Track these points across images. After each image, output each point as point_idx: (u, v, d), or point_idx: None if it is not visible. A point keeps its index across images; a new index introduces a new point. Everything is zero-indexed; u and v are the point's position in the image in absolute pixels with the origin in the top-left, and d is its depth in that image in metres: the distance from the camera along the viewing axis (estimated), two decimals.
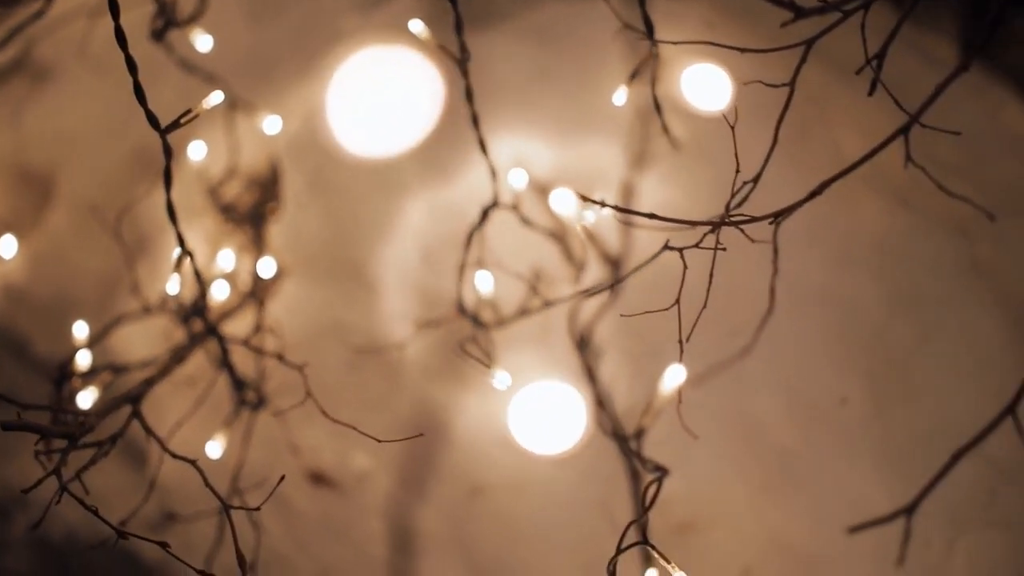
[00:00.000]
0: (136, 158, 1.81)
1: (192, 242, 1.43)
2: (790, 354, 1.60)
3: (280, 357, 1.51)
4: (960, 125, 1.69)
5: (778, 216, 1.25)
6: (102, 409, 1.45)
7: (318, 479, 1.65)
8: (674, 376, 1.12)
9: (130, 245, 1.63)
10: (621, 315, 1.32)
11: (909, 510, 1.13)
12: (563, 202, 1.39)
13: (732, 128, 1.16)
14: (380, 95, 1.82)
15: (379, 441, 1.55)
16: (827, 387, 1.58)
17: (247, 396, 1.56)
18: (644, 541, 1.30)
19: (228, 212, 1.72)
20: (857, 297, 1.61)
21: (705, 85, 1.48)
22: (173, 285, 1.46)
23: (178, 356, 1.54)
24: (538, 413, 1.55)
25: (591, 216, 1.40)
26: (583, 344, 1.12)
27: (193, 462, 1.33)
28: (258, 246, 1.69)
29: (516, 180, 1.62)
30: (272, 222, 1.73)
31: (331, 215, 1.77)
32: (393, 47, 1.81)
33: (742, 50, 1.33)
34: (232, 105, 1.70)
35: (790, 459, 1.55)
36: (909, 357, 1.58)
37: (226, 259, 1.66)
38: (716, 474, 1.57)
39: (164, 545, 1.26)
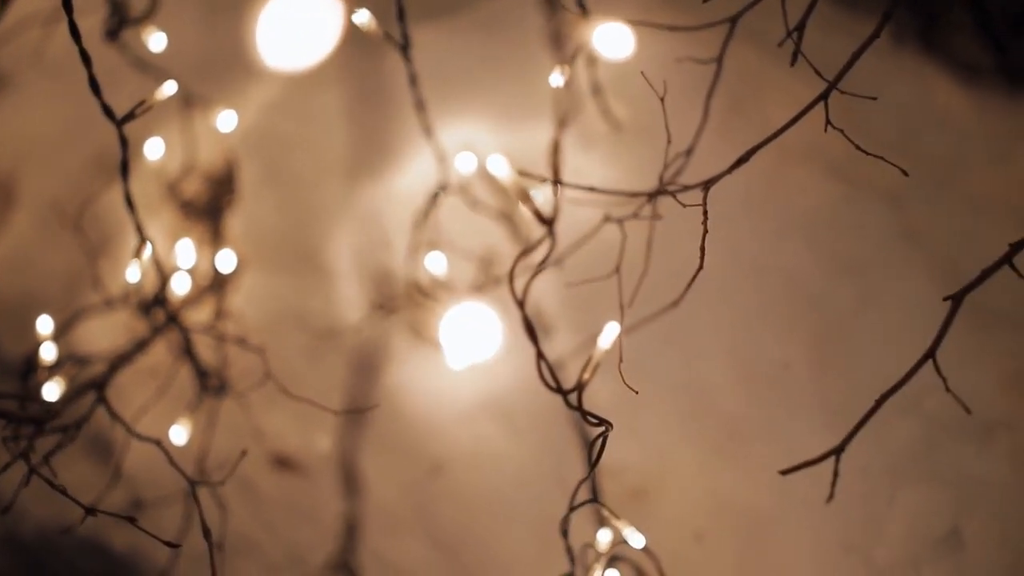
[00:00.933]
0: (95, 159, 1.87)
1: (152, 236, 1.49)
2: (733, 321, 1.67)
3: (240, 342, 1.58)
4: (893, 102, 1.80)
5: (708, 183, 1.33)
6: (67, 395, 1.52)
7: (282, 463, 1.71)
8: (611, 332, 1.19)
9: (91, 242, 1.69)
10: (567, 284, 1.39)
11: (838, 451, 1.20)
12: (500, 168, 1.46)
13: (662, 100, 1.24)
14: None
15: (336, 414, 1.64)
16: (770, 352, 1.66)
17: (209, 383, 1.62)
18: (594, 499, 1.38)
19: (186, 206, 1.78)
20: (795, 265, 1.69)
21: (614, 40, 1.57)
22: (133, 274, 1.52)
23: (140, 344, 1.60)
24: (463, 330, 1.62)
25: (537, 194, 1.47)
26: (523, 307, 1.18)
27: (158, 442, 1.39)
28: (216, 238, 1.75)
29: (463, 164, 1.70)
30: (229, 214, 1.80)
31: (286, 205, 1.84)
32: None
33: (671, 28, 1.42)
34: (187, 101, 1.76)
35: (736, 422, 1.63)
36: (847, 321, 1.66)
37: (185, 251, 1.72)
38: (665, 439, 1.64)
39: (132, 520, 1.31)
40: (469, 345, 1.61)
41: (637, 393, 1.16)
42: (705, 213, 1.29)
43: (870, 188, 1.72)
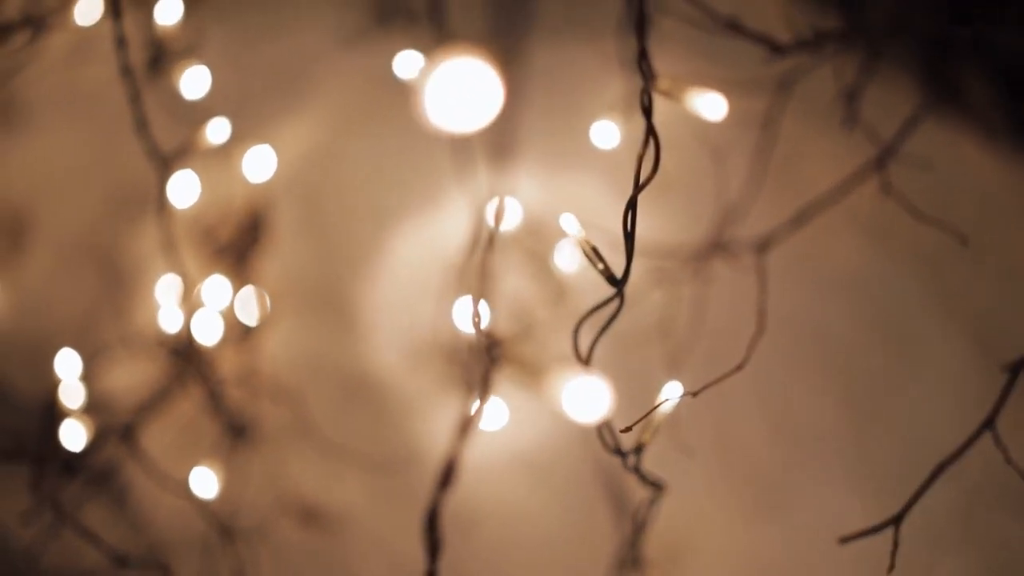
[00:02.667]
0: (118, 196, 1.87)
1: (181, 279, 1.49)
2: (770, 381, 1.69)
3: (269, 392, 1.58)
4: (928, 159, 1.84)
5: (763, 245, 1.36)
6: (92, 442, 1.51)
7: (309, 516, 1.70)
8: (672, 391, 1.20)
9: (114, 282, 1.69)
10: (616, 341, 1.40)
11: (897, 520, 1.21)
12: (571, 224, 1.49)
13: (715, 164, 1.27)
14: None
15: (367, 468, 1.63)
16: (807, 413, 1.68)
17: (236, 432, 1.62)
18: (635, 558, 1.38)
19: (217, 248, 1.78)
20: (834, 328, 1.71)
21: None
22: (161, 318, 1.52)
23: (166, 392, 1.60)
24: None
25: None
26: (586, 364, 1.19)
27: (186, 494, 1.39)
28: (247, 282, 1.75)
29: (509, 211, 1.71)
30: (262, 258, 1.80)
31: (320, 250, 1.84)
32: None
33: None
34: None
35: (774, 484, 1.64)
36: (886, 384, 1.69)
37: (215, 295, 1.72)
38: (701, 500, 1.65)
39: (166, 571, 1.31)
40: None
41: (692, 457, 1.17)
42: (762, 275, 1.32)
43: (910, 252, 1.75)
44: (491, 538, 1.67)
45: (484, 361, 0.83)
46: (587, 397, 0.72)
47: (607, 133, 1.44)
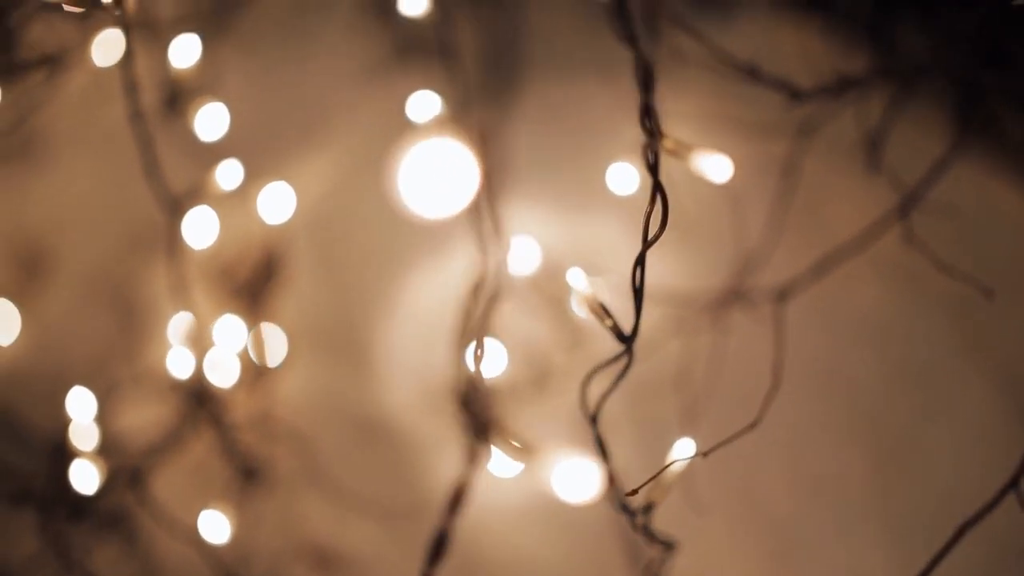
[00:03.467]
0: (135, 233, 1.88)
1: (192, 318, 1.49)
2: (792, 430, 1.66)
3: (282, 435, 1.58)
4: (954, 206, 1.81)
5: (782, 294, 1.34)
6: (102, 486, 1.51)
7: (322, 561, 1.69)
8: (683, 449, 1.19)
9: (129, 322, 1.69)
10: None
11: None
12: (578, 280, 1.48)
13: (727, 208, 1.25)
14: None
15: (381, 514, 1.62)
16: (829, 463, 1.65)
17: (248, 476, 1.61)
18: None
19: (231, 287, 1.78)
20: (858, 375, 1.68)
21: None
22: (173, 361, 1.52)
23: (179, 435, 1.60)
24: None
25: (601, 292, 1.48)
26: (594, 419, 1.18)
27: (196, 539, 1.39)
28: (261, 321, 1.76)
29: (524, 256, 1.70)
30: (277, 299, 1.80)
31: (336, 290, 1.84)
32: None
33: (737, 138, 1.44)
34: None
35: (794, 534, 1.61)
36: (909, 433, 1.65)
37: (227, 335, 1.72)
38: (719, 550, 1.62)
39: None
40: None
41: (704, 516, 1.16)
42: (780, 326, 1.30)
43: (935, 299, 1.72)
44: None
45: (476, 423, 0.82)
46: (577, 478, 0.71)
47: (624, 176, 1.43)
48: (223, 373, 1.67)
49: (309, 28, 2.05)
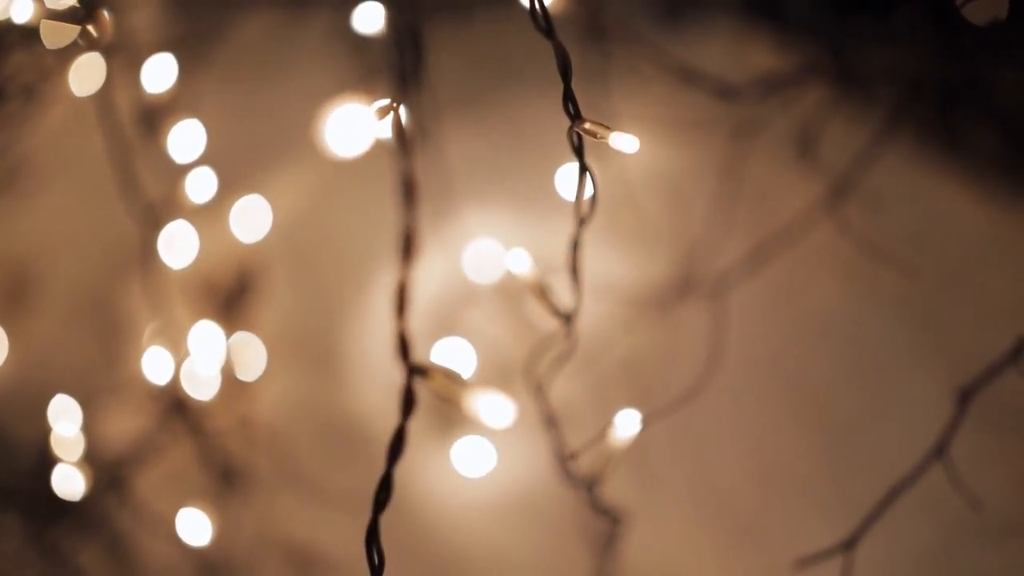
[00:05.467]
0: (114, 254, 1.99)
1: (173, 329, 1.59)
2: (744, 417, 1.76)
3: (260, 440, 1.67)
4: (906, 204, 1.91)
5: (721, 287, 1.44)
6: (88, 493, 1.61)
7: (299, 560, 1.78)
8: (629, 423, 1.26)
9: (111, 337, 1.80)
10: (580, 375, 1.46)
11: (849, 544, 1.28)
12: (520, 263, 1.59)
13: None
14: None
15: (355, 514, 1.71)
16: (780, 447, 1.74)
17: (227, 479, 1.71)
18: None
19: (209, 299, 1.89)
20: (807, 365, 1.77)
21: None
22: (152, 371, 1.62)
23: (158, 444, 1.70)
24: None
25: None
26: (541, 396, 1.27)
27: (176, 539, 1.48)
28: (238, 331, 1.86)
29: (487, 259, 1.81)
30: (255, 309, 1.90)
31: (310, 298, 1.94)
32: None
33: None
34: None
35: (751, 520, 1.70)
36: (857, 419, 1.75)
37: (206, 345, 1.82)
38: (678, 536, 1.71)
39: None
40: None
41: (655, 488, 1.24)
42: (721, 315, 1.39)
43: (881, 290, 1.82)
44: None
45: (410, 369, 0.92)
46: (495, 409, 0.83)
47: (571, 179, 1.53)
48: (202, 382, 1.76)
49: (283, 53, 2.18)
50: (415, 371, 0.90)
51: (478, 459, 1.68)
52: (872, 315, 1.81)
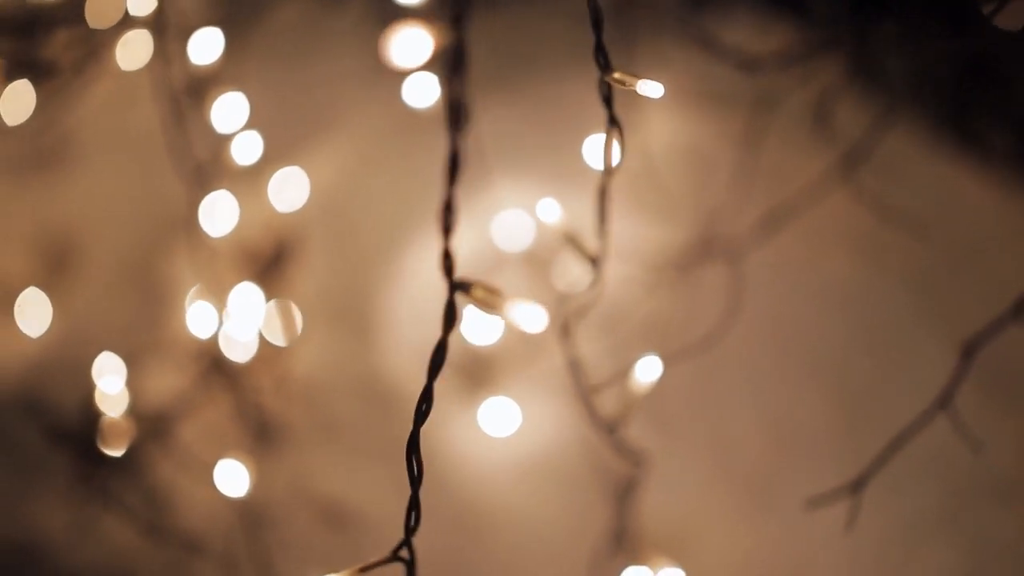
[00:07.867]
0: (159, 223, 2.11)
1: (214, 292, 1.70)
2: (758, 378, 1.84)
3: (297, 398, 1.77)
4: (920, 183, 2.00)
5: (737, 253, 1.52)
6: (129, 446, 1.72)
7: (332, 514, 1.87)
8: (651, 367, 1.33)
9: (154, 302, 1.90)
10: (601, 331, 1.55)
11: (856, 486, 1.37)
12: (551, 212, 1.68)
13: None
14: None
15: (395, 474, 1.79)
16: (798, 410, 1.83)
17: (265, 436, 1.81)
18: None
19: (250, 265, 1.99)
20: (821, 330, 1.86)
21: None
22: (196, 326, 1.73)
23: (199, 396, 1.80)
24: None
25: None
26: (567, 339, 1.34)
27: (221, 496, 1.57)
28: (277, 296, 1.96)
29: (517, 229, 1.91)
30: (294, 275, 2.00)
31: (347, 264, 2.05)
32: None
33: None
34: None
35: (765, 477, 1.78)
36: (873, 382, 1.83)
37: (246, 309, 1.92)
38: (693, 492, 1.79)
39: (196, 548, 1.49)
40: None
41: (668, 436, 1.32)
42: (739, 279, 1.48)
43: (891, 256, 1.90)
44: (504, 543, 1.83)
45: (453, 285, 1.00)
46: (530, 315, 0.88)
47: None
48: (240, 344, 1.87)
49: (319, 36, 2.30)
50: (458, 287, 0.97)
51: (504, 420, 1.77)
52: (882, 280, 1.89)
